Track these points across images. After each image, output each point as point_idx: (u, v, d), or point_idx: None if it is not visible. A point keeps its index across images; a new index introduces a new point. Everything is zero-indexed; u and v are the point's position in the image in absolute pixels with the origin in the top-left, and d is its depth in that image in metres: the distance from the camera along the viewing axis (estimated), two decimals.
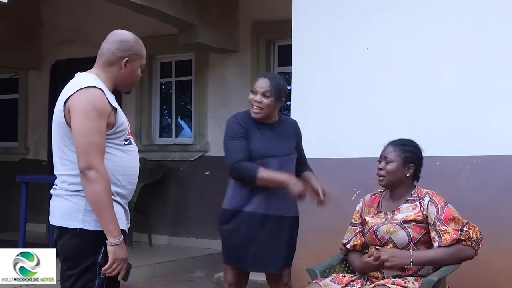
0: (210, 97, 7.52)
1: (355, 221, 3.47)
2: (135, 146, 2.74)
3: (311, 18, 4.68)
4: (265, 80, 3.49)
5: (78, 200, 2.56)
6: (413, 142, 3.38)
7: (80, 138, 2.51)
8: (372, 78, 4.47)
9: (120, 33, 2.74)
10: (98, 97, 2.55)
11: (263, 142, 3.49)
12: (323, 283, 3.23)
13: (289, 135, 3.61)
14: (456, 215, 3.21)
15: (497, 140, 4.02)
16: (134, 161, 2.72)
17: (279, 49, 7.30)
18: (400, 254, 3.17)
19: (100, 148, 2.53)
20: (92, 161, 2.49)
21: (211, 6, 6.90)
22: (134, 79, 2.76)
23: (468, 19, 4.16)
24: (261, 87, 3.47)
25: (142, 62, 2.74)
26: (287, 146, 3.56)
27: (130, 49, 2.68)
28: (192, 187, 7.65)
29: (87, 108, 2.52)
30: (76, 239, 2.56)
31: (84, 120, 2.51)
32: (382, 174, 3.31)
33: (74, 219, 2.56)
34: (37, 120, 8.94)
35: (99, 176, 2.49)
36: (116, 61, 2.67)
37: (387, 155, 3.31)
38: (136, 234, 7.27)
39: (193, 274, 6.34)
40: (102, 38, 2.73)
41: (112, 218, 2.52)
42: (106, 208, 2.50)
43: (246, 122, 3.51)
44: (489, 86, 4.09)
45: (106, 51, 2.69)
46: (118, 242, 2.51)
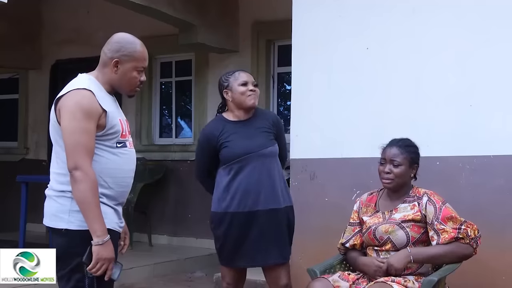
0: (210, 97, 7.51)
1: (353, 220, 3.47)
2: (130, 149, 2.75)
3: (311, 18, 4.68)
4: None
5: (64, 201, 2.61)
6: (413, 142, 3.38)
7: (67, 139, 2.55)
8: (372, 78, 4.46)
9: (117, 35, 2.76)
10: (87, 98, 2.57)
11: (238, 143, 3.55)
12: (332, 279, 3.22)
13: (265, 127, 3.64)
14: (454, 214, 3.21)
15: (497, 140, 4.02)
16: (126, 164, 2.73)
17: (279, 49, 7.30)
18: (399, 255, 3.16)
19: (86, 148, 2.55)
20: (78, 161, 2.52)
21: (211, 6, 6.90)
22: (129, 81, 2.72)
23: (468, 19, 4.16)
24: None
25: (136, 64, 2.71)
26: (262, 139, 3.60)
27: (120, 50, 2.68)
28: (192, 187, 7.62)
29: (75, 109, 2.55)
30: (62, 239, 2.61)
31: (71, 120, 2.55)
32: (390, 177, 3.28)
33: (60, 220, 2.61)
34: (37, 120, 8.93)
35: (84, 176, 2.51)
36: (108, 62, 2.69)
37: (394, 158, 3.28)
38: (136, 234, 7.26)
39: (193, 274, 6.34)
40: (102, 38, 2.73)
41: (97, 218, 2.53)
42: (90, 208, 2.53)
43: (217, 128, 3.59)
44: (489, 86, 4.09)
45: (102, 52, 2.72)
46: (101, 242, 2.53)
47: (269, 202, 3.55)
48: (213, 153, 3.61)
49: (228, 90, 3.60)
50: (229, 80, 3.61)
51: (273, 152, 3.64)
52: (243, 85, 3.57)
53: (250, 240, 3.54)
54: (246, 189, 3.52)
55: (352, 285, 3.21)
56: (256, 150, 3.55)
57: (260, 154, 3.56)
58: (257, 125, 3.63)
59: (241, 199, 3.53)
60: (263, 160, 3.56)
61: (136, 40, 2.75)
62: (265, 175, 3.56)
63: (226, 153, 3.56)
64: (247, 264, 3.65)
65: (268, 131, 3.63)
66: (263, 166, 3.56)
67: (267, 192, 3.55)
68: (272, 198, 3.57)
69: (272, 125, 3.67)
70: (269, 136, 3.63)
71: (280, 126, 3.76)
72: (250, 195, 3.52)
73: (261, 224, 3.53)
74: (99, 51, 2.76)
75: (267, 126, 3.64)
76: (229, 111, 3.66)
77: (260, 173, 3.55)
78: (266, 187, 3.55)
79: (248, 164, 3.54)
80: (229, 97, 3.60)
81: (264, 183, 3.55)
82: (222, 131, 3.58)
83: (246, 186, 3.52)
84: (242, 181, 3.53)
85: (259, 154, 3.56)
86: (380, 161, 3.34)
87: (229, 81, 3.60)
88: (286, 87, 7.39)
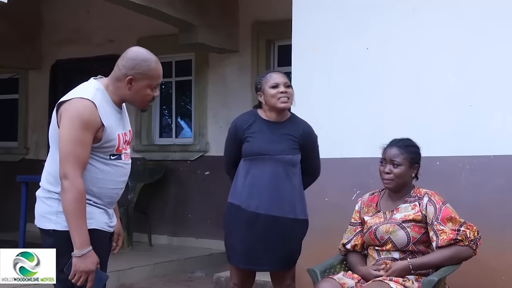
0: (210, 97, 7.52)
1: (355, 220, 3.47)
2: (124, 162, 2.74)
3: (311, 18, 4.68)
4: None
5: (51, 202, 2.64)
6: (414, 142, 3.38)
7: (62, 146, 2.56)
8: (372, 78, 4.46)
9: (133, 50, 2.72)
10: (88, 109, 2.57)
11: (259, 141, 3.51)
12: (337, 277, 3.23)
13: (291, 135, 3.55)
14: (454, 214, 3.21)
15: (497, 140, 4.02)
16: (117, 176, 2.72)
17: (279, 49, 7.30)
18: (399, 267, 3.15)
19: (78, 158, 2.55)
20: (67, 170, 2.53)
21: (211, 6, 6.90)
22: (142, 98, 2.71)
23: (468, 19, 4.16)
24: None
25: (150, 82, 2.68)
26: (284, 146, 3.52)
27: (134, 68, 2.64)
28: (192, 187, 7.64)
29: (74, 119, 2.55)
30: (51, 239, 2.64)
31: (68, 129, 2.55)
32: (391, 177, 3.27)
33: (48, 221, 2.64)
34: (37, 120, 8.93)
35: (70, 185, 2.52)
36: (122, 78, 2.66)
37: (394, 158, 3.27)
38: (136, 234, 7.27)
39: (193, 274, 6.34)
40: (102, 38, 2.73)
41: (78, 229, 2.54)
42: (72, 218, 2.53)
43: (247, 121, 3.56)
44: (489, 86, 4.09)
45: (116, 66, 2.69)
46: (79, 254, 2.53)
47: (272, 208, 3.46)
48: (239, 144, 3.57)
49: (261, 93, 3.57)
50: (262, 82, 3.57)
51: (293, 161, 3.53)
52: (273, 88, 3.53)
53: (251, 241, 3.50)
54: (253, 189, 3.46)
55: (358, 283, 3.21)
56: (273, 154, 3.48)
57: (277, 159, 3.48)
58: (285, 130, 3.56)
59: (247, 197, 3.49)
60: (278, 165, 3.48)
61: (152, 56, 2.70)
62: (276, 180, 3.47)
63: (246, 147, 3.52)
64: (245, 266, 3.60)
65: (294, 140, 3.55)
66: (276, 171, 3.47)
67: (273, 198, 3.46)
68: (277, 206, 3.47)
69: (301, 135, 3.58)
70: (294, 144, 3.54)
71: (311, 138, 3.65)
72: (254, 196, 3.47)
73: (260, 228, 3.46)
74: (99, 51, 2.77)
75: (294, 134, 3.55)
76: (262, 110, 3.63)
77: (272, 177, 3.47)
78: (273, 193, 3.46)
79: (262, 165, 3.47)
80: (262, 100, 3.57)
81: (272, 188, 3.46)
82: (250, 125, 3.55)
83: (254, 186, 3.46)
84: (251, 180, 3.48)
85: (276, 159, 3.48)
86: (380, 161, 3.34)
87: (262, 84, 3.57)
88: None
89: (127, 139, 2.76)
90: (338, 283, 3.17)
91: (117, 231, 2.91)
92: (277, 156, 3.49)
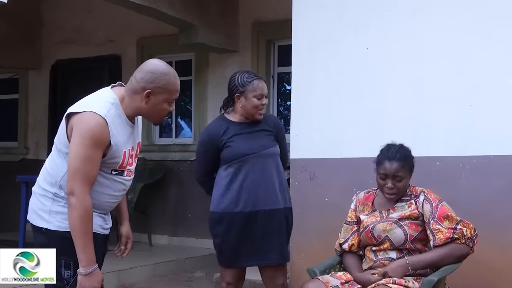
0: (210, 97, 7.51)
1: (351, 219, 3.45)
2: (125, 178, 2.74)
3: (311, 18, 4.68)
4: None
5: (46, 200, 2.64)
6: (406, 147, 3.34)
7: (72, 162, 2.54)
8: (372, 78, 4.46)
9: (151, 63, 2.68)
10: (100, 127, 2.53)
11: (241, 143, 3.56)
12: (322, 277, 3.23)
13: (266, 129, 3.65)
14: (450, 213, 3.21)
15: (497, 140, 4.02)
16: (116, 190, 2.72)
17: (279, 49, 7.29)
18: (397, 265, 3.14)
19: (86, 175, 2.53)
20: (74, 187, 2.51)
21: (211, 6, 6.90)
22: (159, 112, 2.68)
23: (469, 19, 4.16)
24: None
25: (168, 97, 2.65)
26: (264, 140, 3.61)
27: (154, 81, 2.59)
28: (192, 187, 7.60)
29: (85, 135, 2.52)
30: (43, 237, 2.64)
31: (79, 146, 2.52)
32: (394, 192, 3.24)
33: (41, 219, 2.64)
34: (37, 120, 8.93)
35: (78, 203, 2.51)
36: (139, 91, 2.61)
37: (397, 173, 3.21)
38: (136, 234, 7.22)
39: (193, 274, 6.34)
40: (102, 38, 2.73)
41: (84, 247, 2.53)
42: (78, 236, 2.52)
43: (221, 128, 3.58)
44: (489, 86, 4.09)
45: (134, 78, 2.64)
46: (84, 272, 2.53)
47: (269, 202, 3.57)
48: (216, 153, 3.60)
49: (242, 96, 3.56)
50: (246, 87, 3.55)
51: (275, 153, 3.65)
52: (258, 99, 3.56)
53: (250, 240, 3.55)
54: (246, 189, 3.54)
55: (346, 284, 3.21)
56: (258, 151, 3.57)
57: (262, 155, 3.58)
58: (259, 127, 3.64)
59: (241, 199, 3.54)
60: (264, 160, 3.58)
61: (171, 70, 2.67)
62: (265, 175, 3.58)
63: (228, 152, 3.56)
64: (246, 264, 3.65)
65: (269, 133, 3.66)
66: (263, 166, 3.58)
67: (267, 192, 3.57)
68: (272, 199, 3.58)
69: (273, 127, 3.69)
70: (271, 137, 3.66)
71: (281, 127, 3.78)
72: (250, 195, 3.54)
73: (261, 225, 3.55)
74: (99, 51, 2.76)
75: (268, 128, 3.66)
76: (234, 112, 3.64)
77: (261, 173, 3.57)
78: (266, 188, 3.57)
79: (249, 164, 3.55)
80: (240, 103, 3.58)
81: (264, 184, 3.57)
82: (225, 131, 3.59)
83: (247, 186, 3.54)
84: (242, 181, 3.54)
85: (260, 155, 3.57)
86: (379, 175, 3.27)
87: (246, 88, 3.55)
88: (286, 87, 7.39)
89: (133, 153, 2.74)
90: (322, 282, 3.17)
91: (126, 234, 2.92)
92: (261, 152, 3.58)
